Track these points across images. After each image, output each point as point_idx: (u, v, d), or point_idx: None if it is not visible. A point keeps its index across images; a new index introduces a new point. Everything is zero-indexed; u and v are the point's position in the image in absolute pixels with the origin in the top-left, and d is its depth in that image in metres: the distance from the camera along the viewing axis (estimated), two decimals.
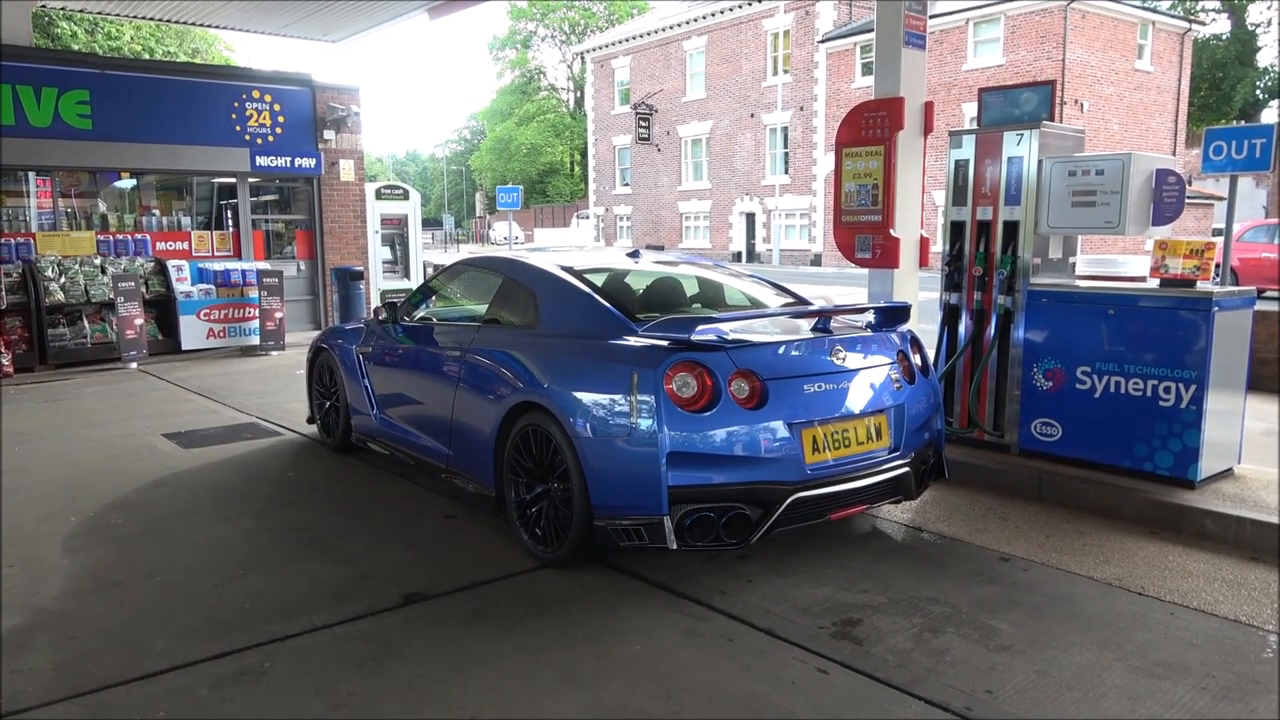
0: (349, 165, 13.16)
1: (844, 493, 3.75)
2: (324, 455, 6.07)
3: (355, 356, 5.73)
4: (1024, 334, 5.13)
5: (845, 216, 5.95)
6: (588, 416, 3.68)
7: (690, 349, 3.58)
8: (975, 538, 4.30)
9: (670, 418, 3.46)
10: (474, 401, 4.46)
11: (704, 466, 3.49)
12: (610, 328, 3.94)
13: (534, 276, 4.55)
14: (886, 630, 3.32)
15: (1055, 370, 5.00)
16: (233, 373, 9.86)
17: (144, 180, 12.20)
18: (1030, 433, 5.14)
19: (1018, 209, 5.13)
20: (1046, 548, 4.17)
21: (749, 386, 3.59)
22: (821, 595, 3.64)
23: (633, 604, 3.58)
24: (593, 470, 3.65)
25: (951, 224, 5.46)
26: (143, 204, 12.18)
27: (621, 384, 3.59)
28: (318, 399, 6.33)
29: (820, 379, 3.75)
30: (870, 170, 5.79)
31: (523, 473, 4.10)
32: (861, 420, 3.85)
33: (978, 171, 5.30)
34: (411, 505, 4.95)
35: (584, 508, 3.71)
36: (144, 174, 12.03)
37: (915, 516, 4.61)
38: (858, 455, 3.81)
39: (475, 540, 4.36)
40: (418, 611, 3.53)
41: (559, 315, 4.25)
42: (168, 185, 12.60)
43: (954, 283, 5.47)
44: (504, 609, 3.55)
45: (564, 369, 3.94)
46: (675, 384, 3.50)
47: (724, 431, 3.51)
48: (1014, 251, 5.15)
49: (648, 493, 3.48)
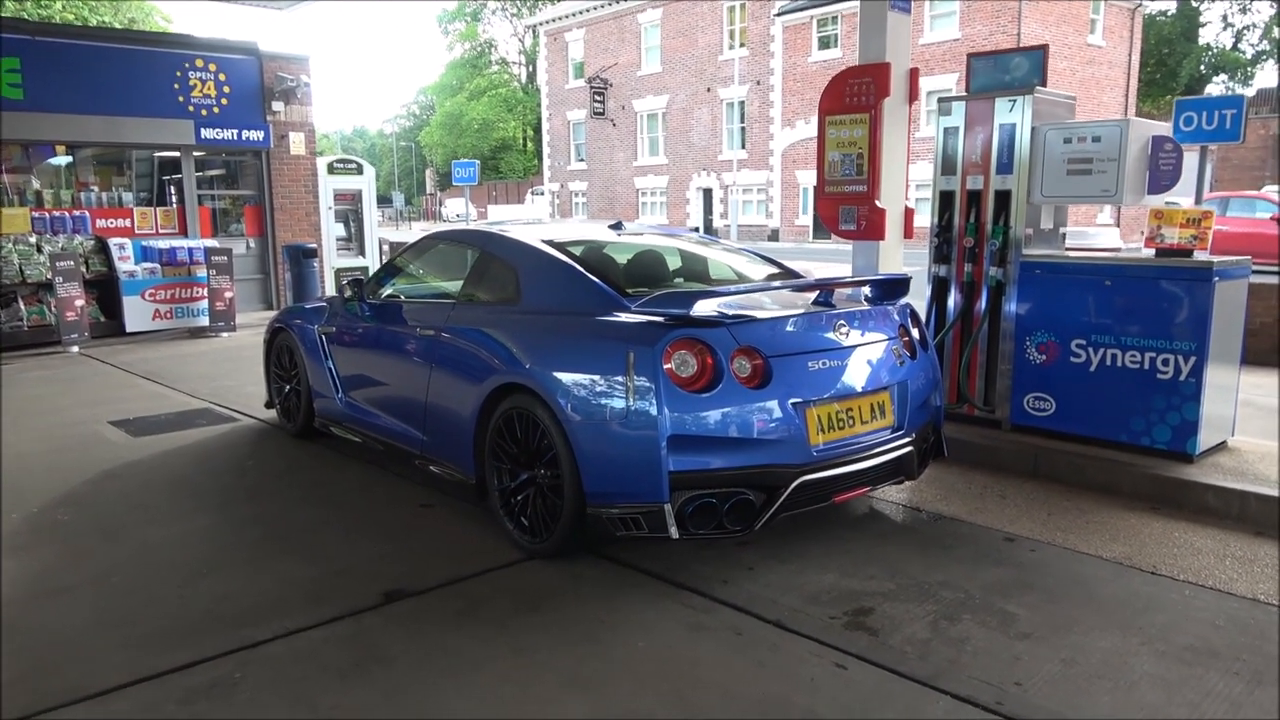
0: (299, 138, 12.65)
1: (849, 474, 3.57)
2: (285, 441, 5.76)
3: (317, 337, 5.41)
4: (1016, 307, 5.00)
5: (829, 187, 5.75)
6: (579, 399, 3.45)
7: (690, 325, 3.36)
8: (976, 517, 4.17)
9: (670, 399, 3.24)
10: (451, 384, 4.19)
11: (705, 450, 3.29)
12: (600, 303, 3.70)
13: (514, 250, 4.28)
14: (901, 619, 3.16)
15: (1049, 343, 4.88)
16: (181, 355, 9.42)
17: (82, 154, 11.58)
18: (1022, 407, 5.02)
19: (1010, 178, 4.98)
20: (1050, 526, 4.05)
21: (751, 364, 3.39)
22: (827, 582, 3.47)
23: (630, 597, 3.37)
24: (585, 456, 3.43)
25: (940, 194, 5.30)
26: (80, 179, 11.56)
27: (616, 363, 3.36)
28: (276, 382, 6.00)
29: (824, 356, 3.56)
30: (855, 139, 5.60)
31: (506, 459, 3.86)
32: (865, 398, 3.67)
33: (968, 139, 5.14)
34: (383, 494, 4.68)
35: (575, 496, 3.49)
36: (81, 147, 11.41)
37: (912, 496, 4.46)
38: (862, 435, 3.64)
39: (455, 530, 4.11)
40: (401, 610, 3.29)
41: (543, 291, 4.00)
42: (108, 159, 11.99)
43: (943, 255, 5.31)
44: (494, 605, 3.32)
45: (551, 348, 3.70)
46: (675, 362, 3.29)
47: (726, 412, 3.30)
48: (1006, 222, 5.01)
49: (646, 479, 3.27)
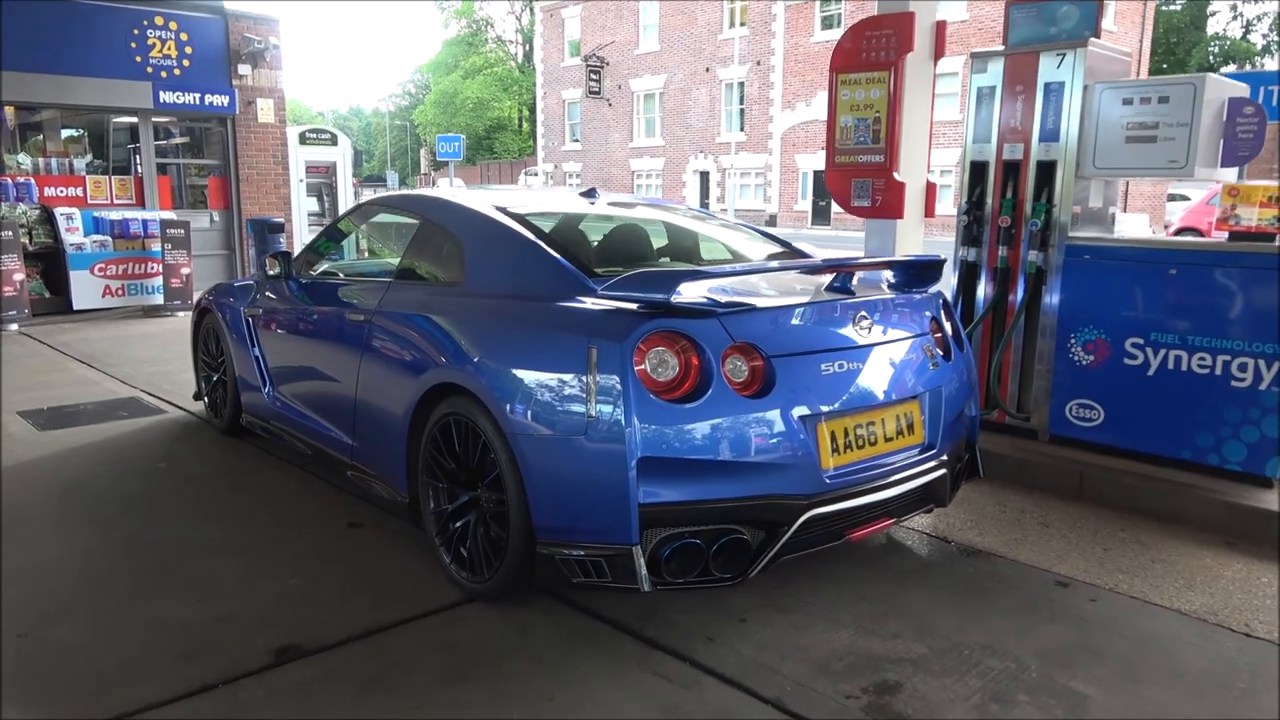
0: (268, 105, 11.82)
1: (869, 506, 2.84)
2: (210, 440, 5.00)
3: (244, 320, 4.65)
4: (1059, 298, 4.26)
5: (839, 157, 4.99)
6: (528, 405, 2.70)
7: (671, 314, 2.61)
8: (1017, 552, 3.44)
9: (642, 409, 2.50)
10: (381, 380, 3.45)
11: (688, 476, 2.54)
12: (559, 286, 2.95)
13: (459, 219, 3.52)
14: (938, 700, 2.43)
15: (1098, 342, 4.14)
16: (127, 336, 8.63)
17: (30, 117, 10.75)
18: (1064, 416, 4.29)
19: (1055, 146, 4.22)
20: (1108, 566, 3.33)
21: (749, 366, 2.64)
22: (840, 642, 2.74)
23: (589, 659, 2.64)
24: (535, 480, 2.68)
25: (971, 165, 4.55)
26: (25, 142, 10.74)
27: (575, 361, 2.61)
28: (204, 371, 5.24)
29: (840, 356, 2.81)
30: (871, 101, 4.84)
31: (443, 476, 3.12)
32: (890, 409, 2.93)
33: (1006, 101, 4.38)
34: (308, 507, 3.93)
35: (522, 529, 2.74)
36: (27, 108, 10.58)
37: (937, 523, 3.73)
38: (886, 455, 2.90)
39: (383, 559, 3.37)
40: (291, 678, 2.54)
41: (491, 269, 3.24)
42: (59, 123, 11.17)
43: (972, 236, 4.56)
44: (412, 671, 2.58)
45: (496, 340, 2.95)
46: (649, 363, 2.54)
47: (715, 427, 2.56)
48: (1049, 199, 4.26)
49: (610, 513, 2.53)
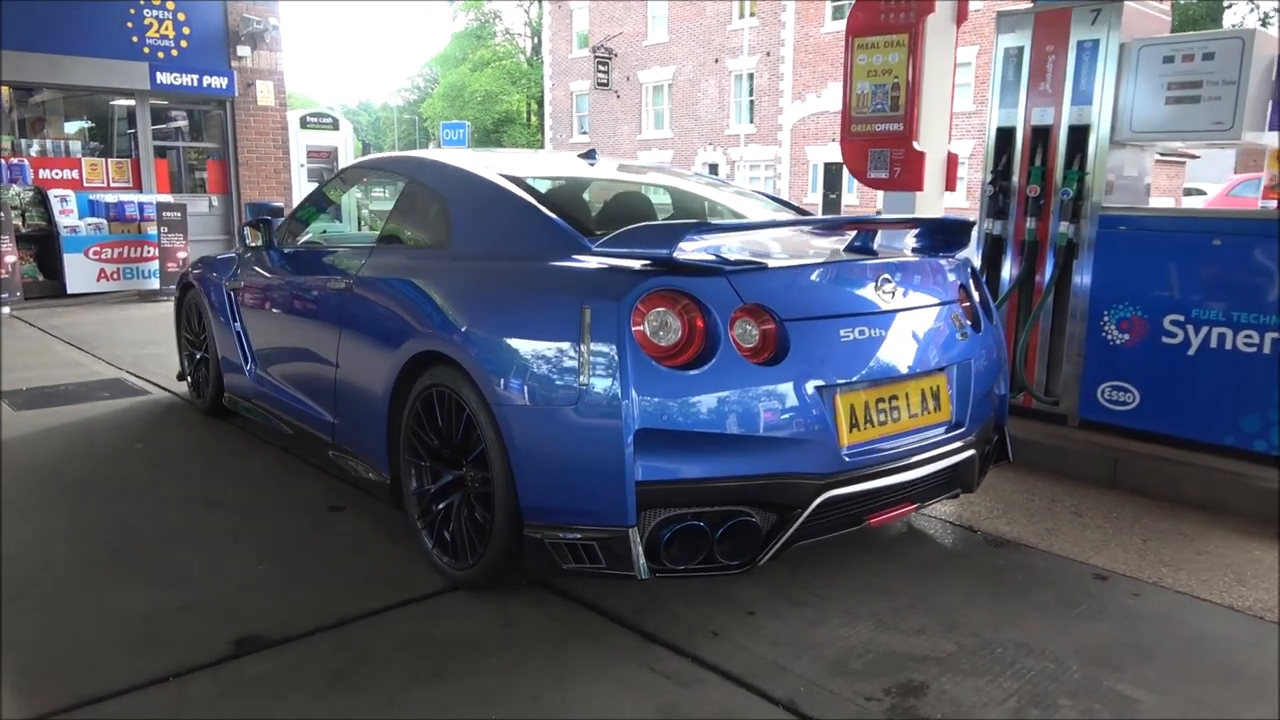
0: (267, 87, 11.58)
1: (892, 488, 2.57)
2: (192, 421, 4.76)
3: (225, 294, 4.40)
4: (1092, 273, 3.98)
5: (855, 125, 4.72)
6: (515, 373, 2.45)
7: (672, 272, 2.35)
8: (1050, 543, 3.17)
9: (641, 377, 2.24)
10: (362, 351, 3.19)
11: (691, 452, 2.28)
12: (552, 245, 2.69)
13: (444, 178, 3.25)
14: (969, 703, 2.17)
15: (1133, 319, 3.86)
16: (119, 320, 8.41)
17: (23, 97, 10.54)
18: (1095, 399, 4.01)
19: (1088, 109, 3.94)
20: (1150, 559, 3.06)
21: (760, 330, 2.38)
22: (858, 637, 2.48)
23: (582, 654, 2.38)
24: (522, 455, 2.43)
25: (997, 131, 4.27)
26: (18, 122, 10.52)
27: (566, 325, 2.35)
28: (187, 349, 5.00)
29: (860, 322, 2.54)
30: (890, 66, 4.56)
31: (426, 453, 2.86)
32: (914, 382, 2.67)
33: (1035, 62, 4.09)
34: (286, 490, 3.68)
35: (509, 510, 2.49)
36: (19, 88, 10.36)
37: (962, 511, 3.46)
38: (910, 433, 2.64)
39: (362, 544, 3.12)
40: (249, 670, 2.29)
41: (478, 230, 2.98)
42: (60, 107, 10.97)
43: (998, 207, 4.29)
44: (385, 665, 2.33)
45: (481, 304, 2.69)
46: (649, 325, 2.28)
47: (722, 398, 2.29)
48: (1082, 166, 3.98)
49: (604, 492, 2.27)
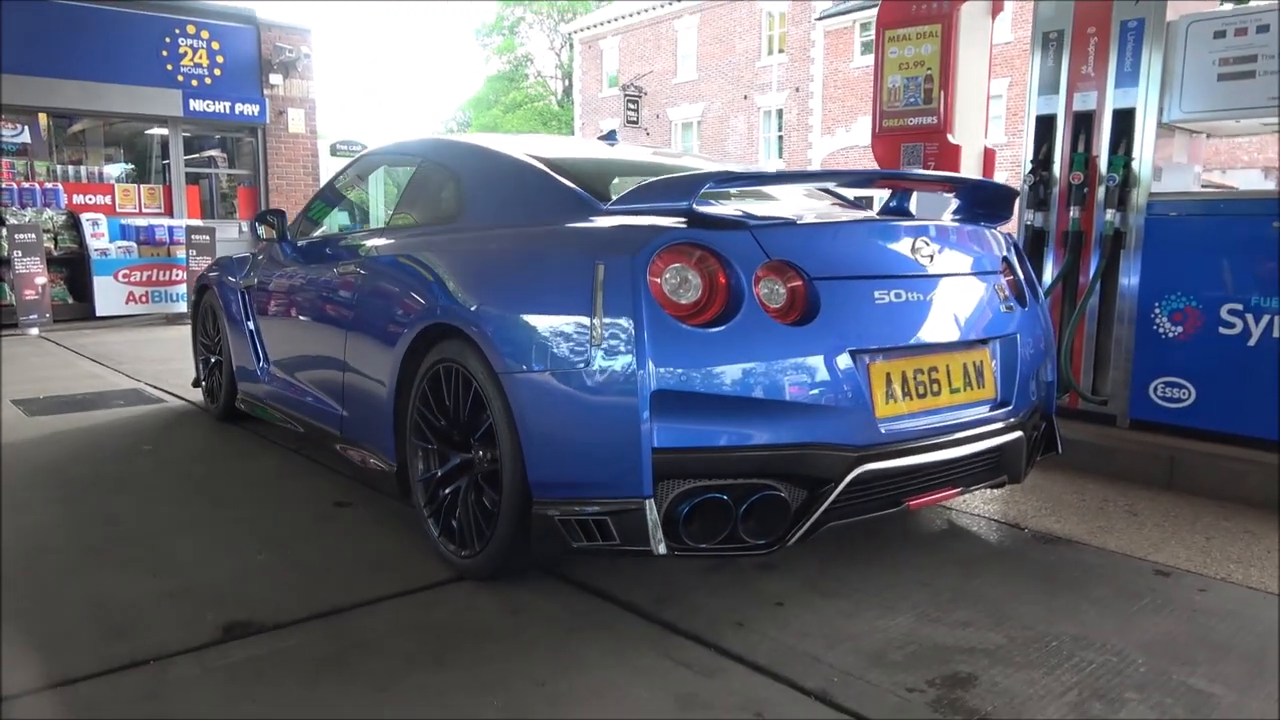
0: (299, 115, 11.70)
1: (934, 465, 2.36)
2: (204, 426, 4.65)
3: (239, 294, 4.30)
4: (1141, 262, 3.76)
5: (887, 121, 4.57)
6: (523, 339, 2.29)
7: (692, 226, 2.19)
8: (1104, 540, 2.93)
9: (658, 336, 2.06)
10: (370, 334, 3.05)
11: (713, 418, 2.10)
12: (564, 208, 2.54)
13: (459, 154, 3.14)
14: (1024, 696, 1.94)
15: (1187, 310, 3.63)
16: (145, 340, 8.40)
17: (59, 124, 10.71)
18: (1147, 397, 3.77)
19: (1134, 92, 3.76)
20: (1215, 555, 2.80)
21: (787, 289, 2.20)
22: (898, 629, 2.26)
23: (594, 643, 2.18)
24: (531, 426, 2.26)
25: (1037, 120, 4.08)
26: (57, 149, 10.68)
27: (578, 284, 2.19)
28: (202, 353, 4.91)
29: (897, 284, 2.36)
30: (922, 58, 4.42)
31: (433, 435, 2.70)
32: (956, 355, 2.47)
33: (1076, 45, 3.92)
34: (293, 488, 3.53)
35: (517, 486, 2.31)
36: (57, 115, 10.53)
37: (1006, 509, 3.23)
38: (952, 409, 2.43)
39: (367, 536, 2.95)
40: (232, 656, 2.12)
41: (491, 201, 2.84)
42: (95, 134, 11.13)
43: (1039, 198, 4.09)
44: (379, 651, 2.15)
45: (488, 271, 2.54)
46: (667, 281, 2.11)
47: (746, 359, 2.11)
48: (1128, 151, 3.78)
49: (618, 460, 2.09)
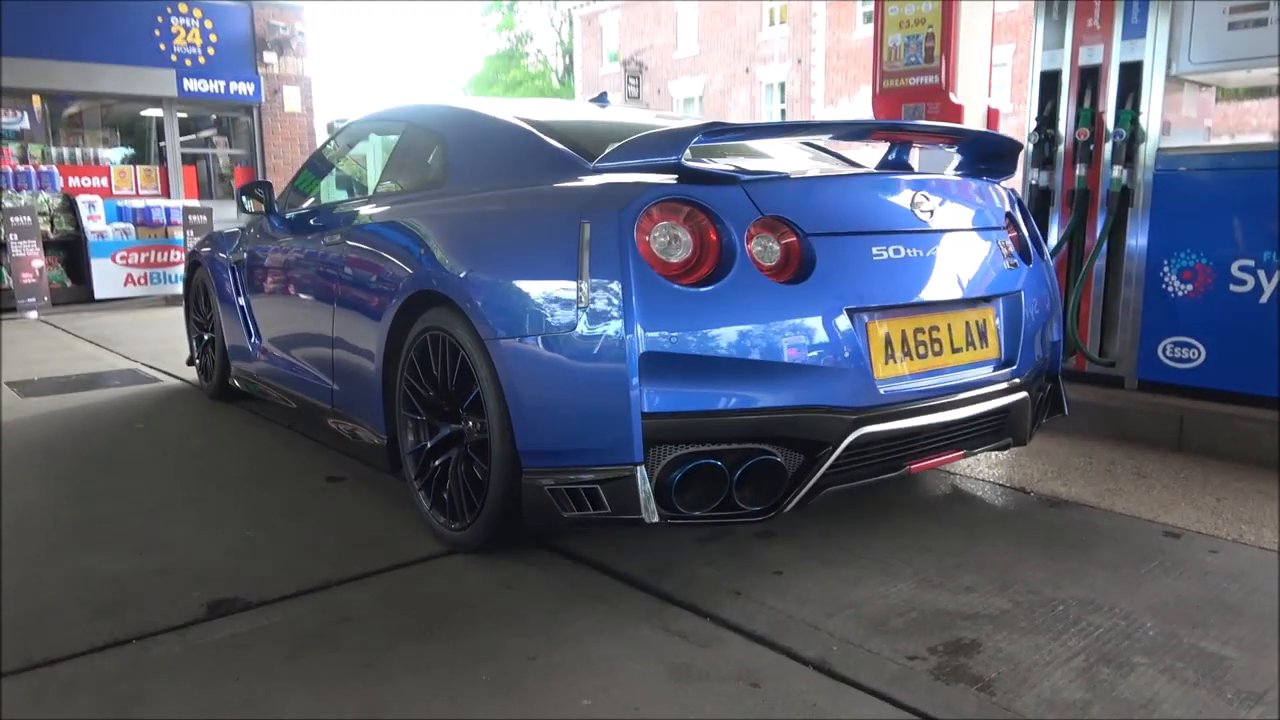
0: (294, 93, 11.58)
1: (935, 427, 2.29)
2: (197, 403, 4.60)
3: (229, 269, 4.23)
4: (1149, 219, 3.66)
5: (887, 81, 4.46)
6: (509, 303, 2.21)
7: (680, 181, 2.10)
8: (1112, 503, 2.86)
9: (646, 295, 1.99)
10: (357, 306, 2.98)
11: (705, 380, 2.03)
12: (550, 168, 2.46)
13: (442, 117, 3.04)
14: (1029, 662, 1.87)
15: (1197, 268, 3.54)
16: (144, 321, 8.34)
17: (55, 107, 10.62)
18: (1156, 357, 3.68)
19: (1141, 44, 3.64)
20: (1226, 516, 2.73)
21: (781, 245, 2.12)
22: (899, 595, 2.20)
23: (587, 615, 2.12)
24: (518, 392, 2.19)
25: (1041, 75, 3.97)
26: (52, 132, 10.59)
27: (563, 243, 2.11)
28: (195, 331, 4.85)
29: (896, 240, 2.27)
30: (923, 16, 4.30)
31: (421, 407, 2.64)
32: (958, 314, 2.39)
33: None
34: (286, 464, 3.48)
35: (506, 455, 2.25)
36: (50, 96, 10.44)
37: (1011, 472, 3.16)
38: (954, 369, 2.36)
39: (359, 512, 2.90)
40: (217, 632, 2.07)
41: (474, 164, 2.76)
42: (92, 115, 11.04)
43: (1044, 157, 3.98)
44: (366, 625, 2.09)
45: (473, 235, 2.47)
46: (656, 239, 2.03)
47: (739, 318, 2.04)
48: (1135, 105, 3.67)
49: (607, 426, 2.02)
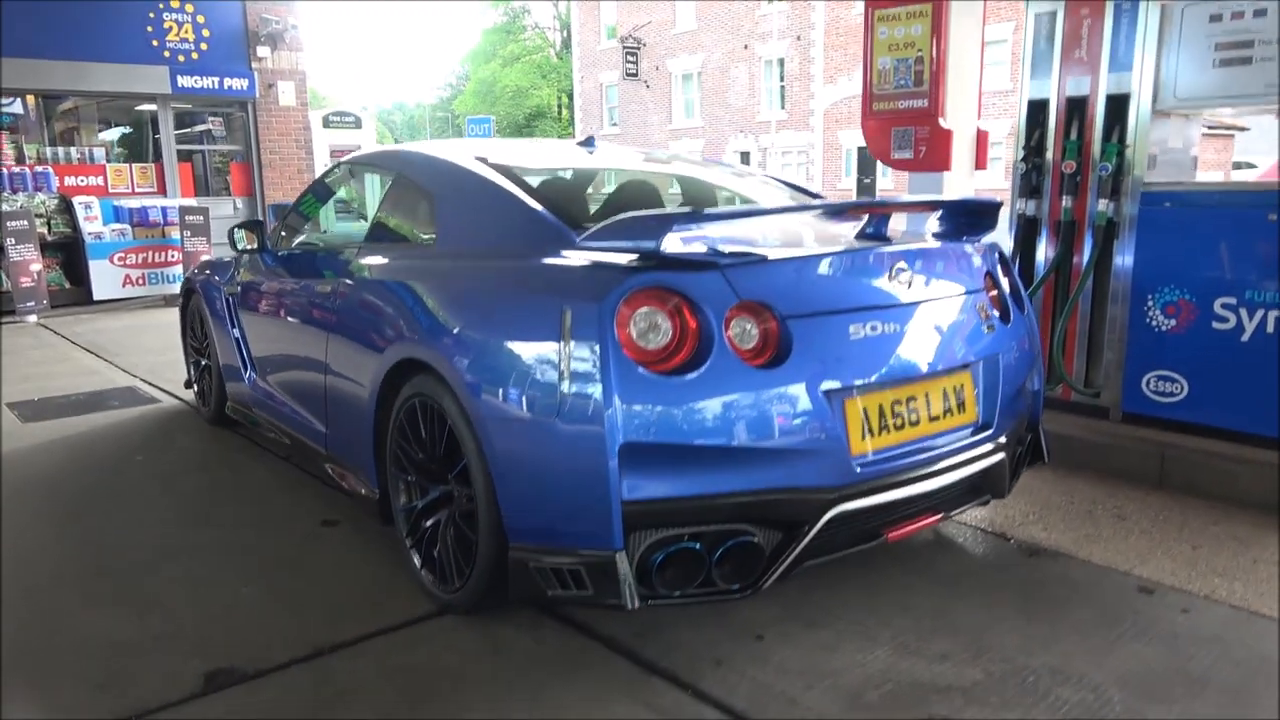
0: (289, 87, 11.54)
1: (911, 499, 2.34)
2: (195, 430, 4.65)
3: (224, 299, 4.27)
4: (1134, 254, 3.69)
5: (877, 103, 4.46)
6: (495, 382, 2.26)
7: (659, 267, 2.14)
8: (1089, 551, 2.92)
9: (626, 385, 2.03)
10: (348, 358, 3.03)
11: (683, 466, 2.07)
12: (537, 240, 2.49)
13: (431, 171, 3.07)
14: None
15: (1180, 303, 3.57)
16: (142, 325, 8.40)
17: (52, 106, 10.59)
18: (1140, 390, 3.73)
19: (1128, 77, 3.65)
20: (1201, 568, 2.79)
21: (760, 329, 2.16)
22: (876, 664, 2.26)
23: (572, 687, 2.19)
24: (504, 471, 2.24)
25: (1029, 104, 3.99)
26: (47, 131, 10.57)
27: (546, 328, 2.16)
28: (192, 355, 4.89)
29: (873, 316, 2.31)
30: (913, 39, 4.29)
31: (412, 467, 2.69)
32: (935, 381, 2.43)
33: (1069, 27, 3.80)
34: (282, 504, 3.54)
35: (493, 530, 2.30)
36: (43, 95, 10.40)
37: (995, 515, 3.22)
38: (931, 437, 2.40)
39: (353, 563, 2.96)
40: (213, 709, 2.14)
41: (464, 225, 2.79)
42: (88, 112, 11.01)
43: (1032, 186, 4.01)
44: (357, 699, 2.16)
45: (461, 307, 2.50)
46: (635, 326, 2.07)
47: (717, 405, 2.08)
48: (1121, 138, 3.69)
49: (588, 512, 2.07)
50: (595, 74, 40.42)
